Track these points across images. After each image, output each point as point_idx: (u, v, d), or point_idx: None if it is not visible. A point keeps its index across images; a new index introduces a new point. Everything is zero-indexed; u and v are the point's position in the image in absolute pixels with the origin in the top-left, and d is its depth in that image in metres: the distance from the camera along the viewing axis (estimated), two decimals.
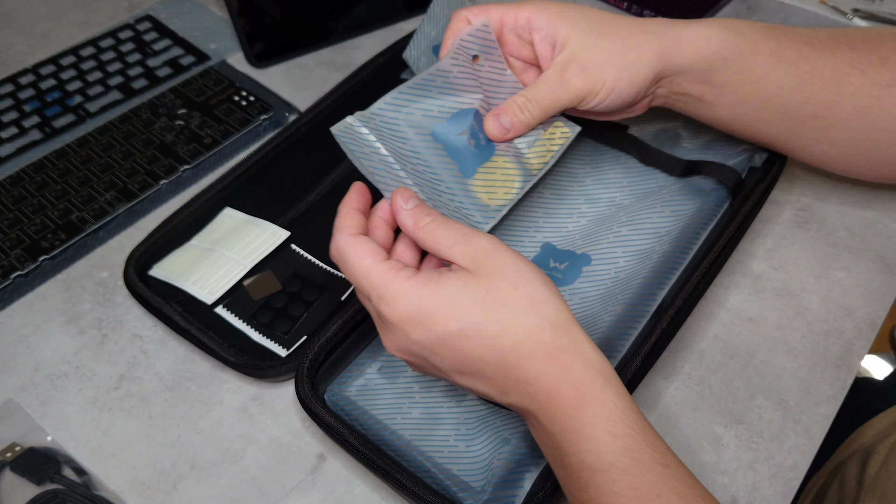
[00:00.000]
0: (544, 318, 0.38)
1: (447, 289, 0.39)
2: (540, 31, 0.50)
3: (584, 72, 0.48)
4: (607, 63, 0.48)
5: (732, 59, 0.50)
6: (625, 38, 0.49)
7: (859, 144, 0.53)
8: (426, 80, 0.48)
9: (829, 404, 0.52)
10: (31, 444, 0.50)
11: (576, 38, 0.48)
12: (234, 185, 0.63)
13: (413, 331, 0.39)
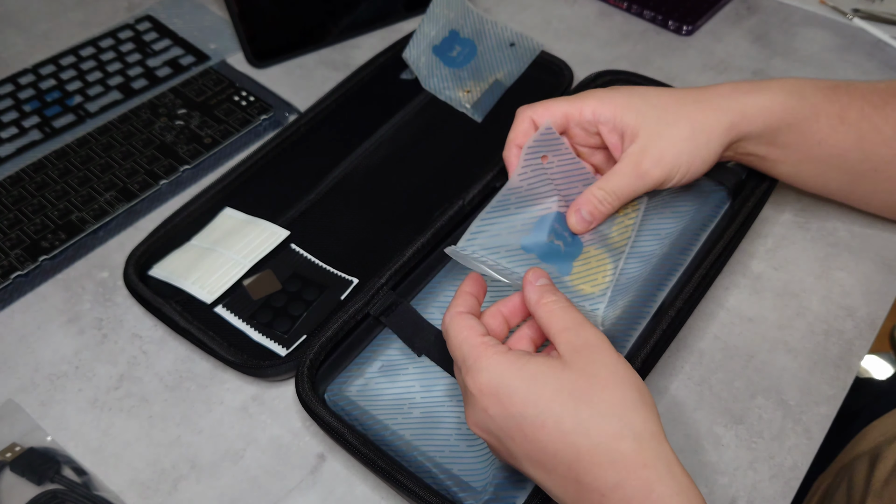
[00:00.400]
0: (628, 426, 0.36)
1: (533, 371, 0.38)
2: (607, 124, 0.50)
3: (660, 162, 0.49)
4: (681, 150, 0.49)
5: (796, 123, 0.52)
6: (693, 122, 0.50)
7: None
8: (500, 201, 0.50)
9: (829, 404, 0.52)
10: (31, 444, 0.50)
11: (646, 129, 0.49)
12: (234, 185, 0.63)
13: (491, 406, 0.38)
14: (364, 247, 0.59)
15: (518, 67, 0.71)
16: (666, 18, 0.79)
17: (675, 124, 0.50)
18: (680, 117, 0.50)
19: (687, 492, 0.35)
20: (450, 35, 0.72)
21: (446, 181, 0.63)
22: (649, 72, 0.74)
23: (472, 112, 0.68)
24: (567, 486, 0.37)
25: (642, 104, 0.50)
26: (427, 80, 0.70)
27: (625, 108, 0.50)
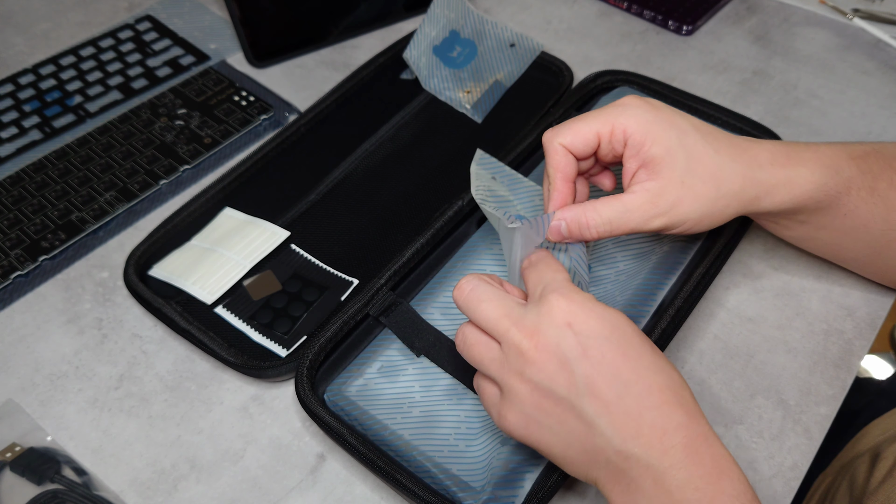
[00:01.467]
0: (685, 384, 0.39)
1: (617, 311, 0.40)
2: (632, 148, 0.46)
3: (671, 211, 0.46)
4: (696, 207, 0.46)
5: (825, 200, 0.49)
6: (719, 184, 0.46)
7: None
8: None
9: (829, 404, 0.52)
10: (31, 444, 0.50)
11: (670, 174, 0.45)
12: (234, 185, 0.63)
13: (577, 321, 0.38)
14: (364, 247, 0.59)
15: (518, 68, 0.71)
16: (666, 18, 0.79)
17: (702, 180, 0.46)
18: (709, 175, 0.46)
19: (728, 451, 0.38)
20: (450, 35, 0.72)
21: (446, 181, 0.63)
22: (649, 72, 0.74)
23: (473, 113, 0.68)
24: (624, 421, 0.37)
25: (677, 143, 0.45)
26: (427, 81, 0.70)
27: (657, 141, 0.45)
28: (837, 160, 0.48)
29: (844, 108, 0.71)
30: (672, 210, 0.46)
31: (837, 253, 0.54)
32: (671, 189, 0.45)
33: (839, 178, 0.48)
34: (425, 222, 0.60)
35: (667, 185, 0.45)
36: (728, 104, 0.70)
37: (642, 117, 0.46)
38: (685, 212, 0.46)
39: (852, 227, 0.50)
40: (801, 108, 0.71)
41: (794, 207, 0.48)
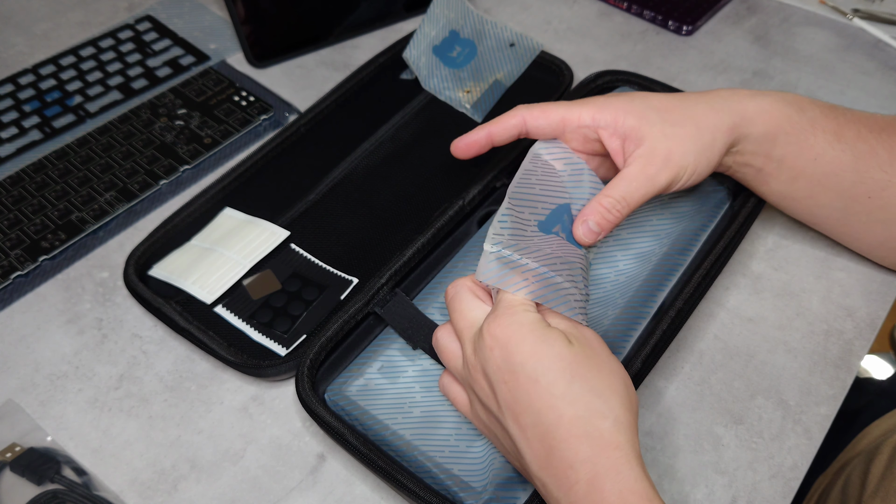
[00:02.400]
0: (611, 409, 0.38)
1: (544, 335, 0.40)
2: (607, 129, 0.49)
3: (668, 163, 0.48)
4: (687, 150, 0.48)
5: (793, 133, 0.51)
6: (697, 121, 0.49)
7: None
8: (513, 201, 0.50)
9: (829, 404, 0.52)
10: (31, 444, 0.50)
11: (650, 131, 0.48)
12: (234, 185, 0.63)
13: (497, 349, 0.40)
14: (364, 247, 0.59)
15: (518, 68, 0.71)
16: (666, 18, 0.79)
17: (680, 124, 0.49)
18: (684, 117, 0.49)
19: (647, 481, 0.37)
20: (450, 35, 0.72)
21: (446, 181, 0.63)
22: (649, 72, 0.74)
23: (473, 112, 0.68)
24: (538, 449, 0.38)
25: (644, 107, 0.49)
26: (427, 81, 0.70)
27: (626, 112, 0.49)
28: (800, 101, 0.52)
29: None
30: (668, 162, 0.48)
31: (814, 209, 0.55)
32: (658, 144, 0.48)
33: (803, 114, 0.51)
34: (425, 222, 0.60)
35: (653, 143, 0.48)
36: None
37: (605, 102, 0.49)
38: (680, 158, 0.48)
39: (824, 174, 0.52)
40: None
41: (768, 136, 0.51)
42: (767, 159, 0.52)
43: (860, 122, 0.52)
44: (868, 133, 0.52)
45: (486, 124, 0.52)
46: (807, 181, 0.53)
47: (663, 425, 0.51)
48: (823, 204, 0.54)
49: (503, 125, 0.51)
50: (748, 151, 0.52)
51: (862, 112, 0.53)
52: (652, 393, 0.52)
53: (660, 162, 0.48)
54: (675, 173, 0.48)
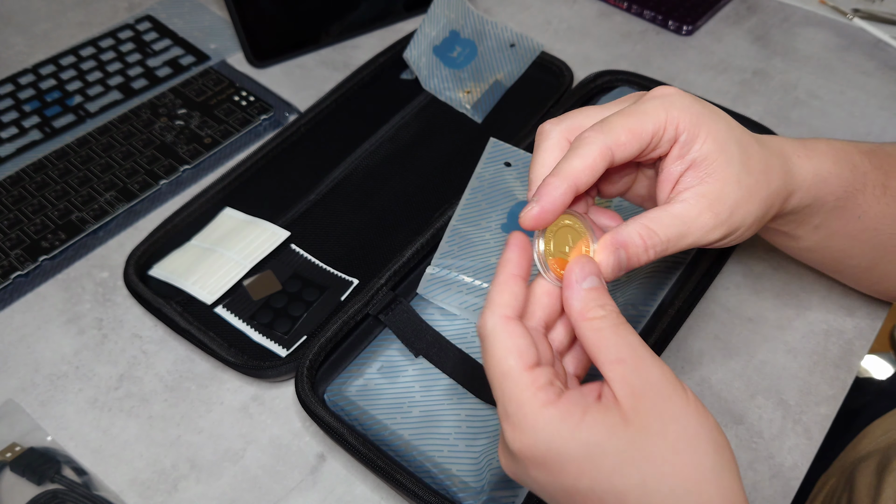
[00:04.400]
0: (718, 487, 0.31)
1: (589, 437, 0.31)
2: (682, 147, 0.38)
3: (730, 218, 0.38)
4: (750, 210, 0.39)
5: (844, 197, 0.44)
6: (769, 180, 0.39)
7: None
8: (469, 201, 0.54)
9: (829, 404, 0.52)
10: (31, 444, 0.50)
11: (726, 171, 0.38)
12: (234, 185, 0.63)
13: (535, 469, 0.33)
14: (364, 247, 0.59)
15: (518, 68, 0.71)
16: (666, 18, 0.79)
17: (756, 177, 0.39)
18: (760, 170, 0.39)
19: None
20: (450, 35, 0.72)
21: (446, 181, 0.63)
22: (649, 72, 0.74)
23: (473, 113, 0.68)
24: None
25: (728, 136, 0.38)
26: (427, 81, 0.70)
27: (710, 135, 0.38)
28: (850, 154, 0.44)
29: (844, 108, 0.71)
30: (731, 217, 0.38)
31: (840, 262, 0.50)
32: (730, 191, 0.38)
33: (856, 172, 0.44)
34: (425, 222, 0.60)
35: (724, 187, 0.38)
36: (728, 104, 0.70)
37: (692, 109, 0.38)
38: (742, 216, 0.38)
39: (863, 229, 0.46)
40: (801, 108, 0.71)
41: (817, 205, 0.43)
42: (804, 225, 0.45)
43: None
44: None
45: (560, 173, 0.36)
46: (843, 238, 0.47)
47: None
48: (854, 256, 0.49)
49: (586, 164, 0.36)
50: (790, 221, 0.44)
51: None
52: None
53: (724, 214, 0.38)
54: (729, 232, 0.38)
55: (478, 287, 0.51)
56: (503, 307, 0.34)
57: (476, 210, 0.54)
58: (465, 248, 0.52)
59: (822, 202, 0.43)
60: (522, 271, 0.35)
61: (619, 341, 0.33)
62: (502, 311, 0.34)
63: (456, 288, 0.51)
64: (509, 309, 0.34)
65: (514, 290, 0.35)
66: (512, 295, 0.34)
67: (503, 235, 0.53)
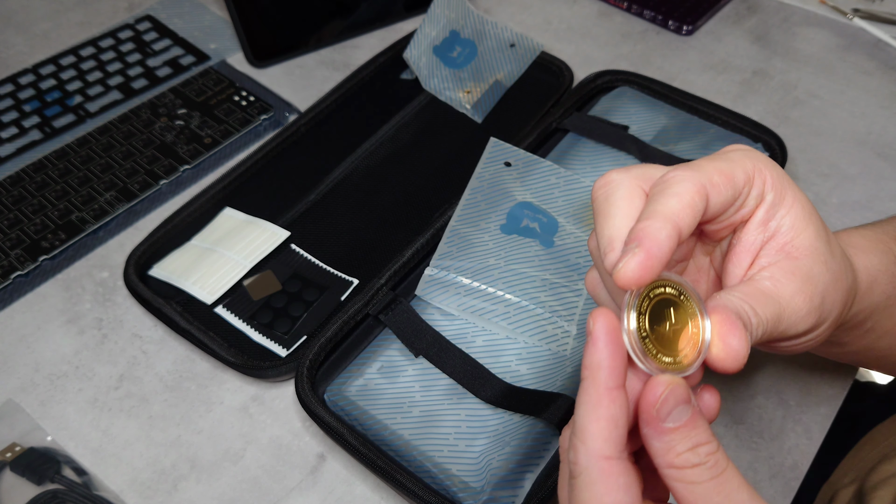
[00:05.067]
0: None
1: None
2: (768, 211, 0.31)
3: (821, 305, 0.32)
4: (837, 299, 0.33)
5: (894, 295, 0.38)
6: (847, 271, 0.34)
7: None
8: (469, 202, 0.54)
9: (829, 404, 0.52)
10: (31, 444, 0.50)
11: (816, 248, 0.32)
12: (234, 185, 0.63)
13: None
14: (364, 247, 0.59)
15: (518, 68, 0.71)
16: (666, 18, 0.79)
17: (839, 261, 0.33)
18: (841, 255, 0.34)
19: None
20: (450, 35, 0.72)
21: (446, 181, 0.63)
22: (649, 72, 0.74)
23: (473, 113, 0.68)
24: None
25: (812, 209, 0.32)
26: (427, 81, 0.70)
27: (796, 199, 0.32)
28: (884, 243, 0.39)
29: (844, 108, 0.71)
30: (823, 304, 0.32)
31: (883, 359, 0.44)
32: (819, 272, 0.31)
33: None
34: (425, 222, 0.60)
35: (814, 266, 0.31)
36: (728, 104, 0.70)
37: (777, 168, 0.32)
38: (830, 307, 0.32)
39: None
40: (801, 108, 0.71)
41: (871, 306, 0.38)
42: (856, 329, 0.39)
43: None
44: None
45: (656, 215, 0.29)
46: (892, 337, 0.41)
47: None
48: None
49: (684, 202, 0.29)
50: (842, 329, 0.38)
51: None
52: None
53: (817, 299, 0.31)
54: (817, 323, 0.32)
55: (476, 289, 0.51)
56: (601, 443, 0.27)
57: (475, 211, 0.54)
58: (464, 250, 0.52)
59: (876, 304, 0.38)
60: (619, 380, 0.27)
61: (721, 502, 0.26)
62: (600, 450, 0.27)
63: (454, 289, 0.51)
64: (609, 445, 0.27)
65: (611, 412, 0.27)
66: (610, 422, 0.27)
67: (502, 236, 0.53)
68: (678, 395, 0.27)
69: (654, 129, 0.62)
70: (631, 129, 0.62)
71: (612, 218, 0.30)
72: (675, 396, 0.27)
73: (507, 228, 0.54)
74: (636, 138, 0.61)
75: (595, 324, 0.27)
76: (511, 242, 0.53)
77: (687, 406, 0.27)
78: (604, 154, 0.61)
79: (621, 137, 0.61)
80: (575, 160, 0.61)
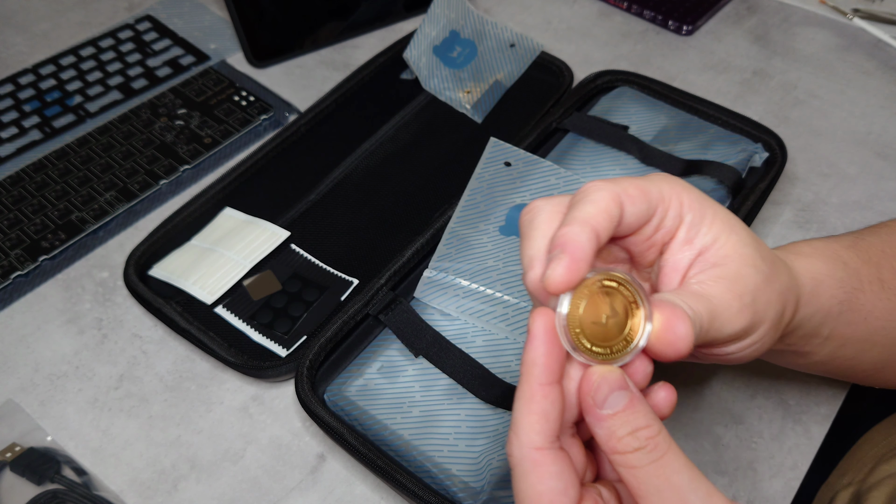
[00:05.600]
0: None
1: None
2: (690, 229, 0.33)
3: (752, 305, 0.33)
4: (771, 300, 0.34)
5: (846, 300, 0.40)
6: (779, 274, 0.35)
7: None
8: (469, 202, 0.54)
9: (829, 404, 0.52)
10: (31, 444, 0.50)
11: (742, 253, 0.33)
12: (234, 185, 0.63)
13: None
14: (364, 247, 0.59)
15: (518, 68, 0.71)
16: (666, 18, 0.79)
17: (771, 265, 0.34)
18: (771, 259, 0.35)
19: None
20: (450, 35, 0.72)
21: (446, 181, 0.63)
22: (649, 72, 0.74)
23: (473, 113, 0.68)
24: None
25: (735, 220, 0.34)
26: (427, 81, 0.70)
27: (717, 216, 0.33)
28: (836, 251, 0.41)
29: (844, 108, 0.71)
30: (755, 302, 0.33)
31: (852, 368, 0.45)
32: (747, 273, 0.33)
33: (848, 270, 0.40)
34: (425, 222, 0.60)
35: (741, 268, 0.33)
36: (728, 104, 0.70)
37: (694, 192, 0.33)
38: (764, 306, 0.33)
39: (873, 331, 0.42)
40: (801, 108, 0.71)
41: (822, 312, 0.39)
42: (814, 338, 0.40)
43: (885, 253, 0.43)
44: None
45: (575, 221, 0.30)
46: (854, 344, 0.42)
47: (664, 426, 0.51)
48: (866, 360, 0.44)
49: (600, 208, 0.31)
50: (801, 336, 0.39)
51: (872, 233, 0.44)
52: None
53: (748, 296, 0.32)
54: (753, 322, 0.33)
55: (475, 290, 0.51)
56: (531, 435, 0.28)
57: (474, 212, 0.54)
58: (463, 251, 0.52)
59: (825, 310, 0.39)
60: (553, 376, 0.29)
61: (663, 486, 0.27)
62: (531, 441, 0.28)
63: (453, 291, 0.51)
64: (540, 437, 0.28)
65: (542, 407, 0.28)
66: (541, 416, 0.28)
67: (501, 238, 0.53)
68: (612, 382, 0.28)
69: (654, 129, 0.62)
70: (631, 129, 0.62)
71: (534, 240, 0.32)
72: (608, 384, 0.28)
73: (507, 230, 0.54)
74: (636, 138, 0.61)
75: (533, 323, 0.29)
76: (510, 244, 0.53)
77: (623, 392, 0.28)
78: (604, 154, 0.61)
79: (621, 137, 0.61)
80: (575, 160, 0.61)
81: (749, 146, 0.60)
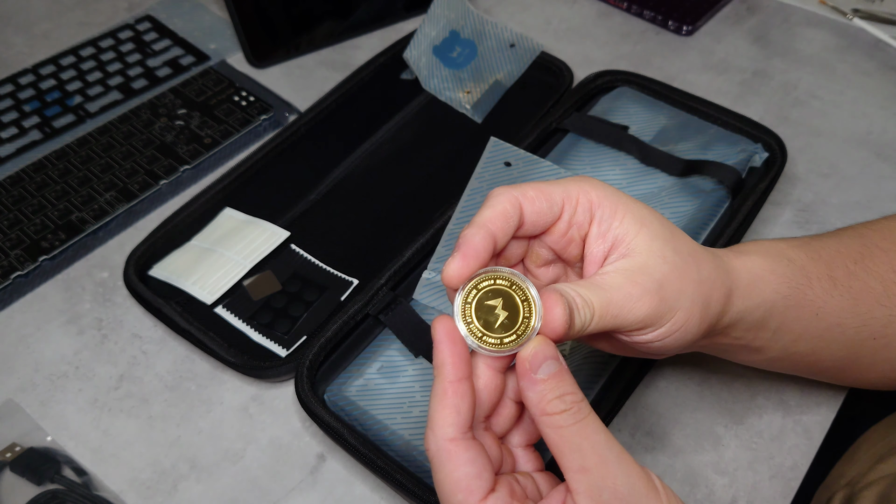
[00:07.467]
0: None
1: None
2: (601, 224, 0.36)
3: (658, 292, 0.35)
4: (684, 289, 0.36)
5: (791, 295, 0.41)
6: (699, 264, 0.37)
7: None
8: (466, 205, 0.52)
9: (829, 404, 0.52)
10: (31, 444, 0.50)
11: (649, 245, 0.36)
12: (234, 185, 0.63)
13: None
14: (364, 247, 0.59)
15: (518, 68, 0.71)
16: (666, 18, 0.79)
17: (683, 257, 0.36)
18: (688, 251, 0.37)
19: None
20: (450, 36, 0.72)
21: (446, 182, 0.63)
22: (649, 72, 0.74)
23: (473, 113, 0.68)
24: None
25: (649, 214, 0.37)
26: (427, 81, 0.70)
27: (629, 211, 0.36)
28: (781, 249, 0.42)
29: (844, 108, 0.71)
30: (661, 290, 0.35)
31: (813, 365, 0.47)
32: (654, 264, 0.35)
33: (793, 266, 0.42)
34: (425, 222, 0.60)
35: (647, 260, 0.35)
36: (728, 104, 0.70)
37: (607, 189, 0.37)
38: (674, 296, 0.36)
39: (826, 328, 0.44)
40: (801, 108, 0.71)
41: (764, 306, 0.41)
42: (760, 332, 0.42)
43: (840, 253, 0.45)
44: (854, 266, 0.44)
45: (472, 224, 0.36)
46: (809, 340, 0.44)
47: (663, 425, 0.51)
48: (825, 358, 0.46)
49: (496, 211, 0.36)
50: (744, 330, 0.41)
51: (831, 235, 0.46)
52: (652, 393, 0.52)
53: (650, 284, 0.35)
54: (659, 309, 0.35)
55: None
56: (444, 427, 0.31)
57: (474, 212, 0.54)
58: None
59: (769, 303, 0.41)
60: (460, 373, 0.32)
61: (584, 443, 0.31)
62: (444, 433, 0.31)
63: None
64: (453, 429, 0.31)
65: (453, 402, 0.32)
66: (453, 409, 0.32)
67: None
68: (546, 352, 0.32)
69: (654, 130, 0.62)
70: (631, 129, 0.62)
71: None
72: (543, 352, 0.32)
73: None
74: (636, 138, 0.61)
75: (436, 330, 0.33)
76: None
77: (555, 361, 0.32)
78: (603, 154, 0.61)
79: (621, 137, 0.61)
80: (575, 160, 0.61)
81: (749, 146, 0.60)
